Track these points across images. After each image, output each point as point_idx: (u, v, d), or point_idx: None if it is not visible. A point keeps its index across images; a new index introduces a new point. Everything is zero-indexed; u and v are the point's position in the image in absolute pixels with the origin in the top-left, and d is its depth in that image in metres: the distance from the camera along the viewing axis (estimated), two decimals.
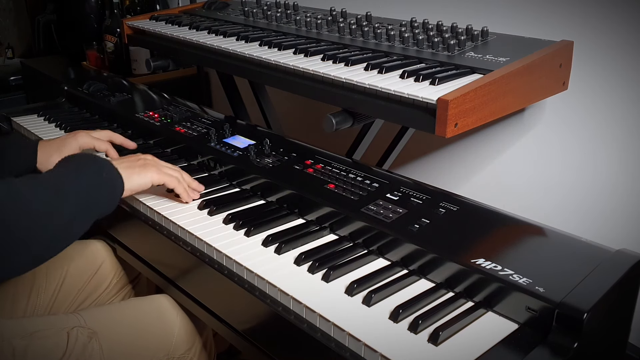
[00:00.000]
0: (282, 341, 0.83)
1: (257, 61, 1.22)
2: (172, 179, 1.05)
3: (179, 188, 1.06)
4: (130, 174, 0.99)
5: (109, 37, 2.12)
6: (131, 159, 1.04)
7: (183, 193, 1.07)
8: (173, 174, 1.06)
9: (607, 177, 1.16)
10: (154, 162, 1.05)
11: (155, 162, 1.05)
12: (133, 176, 0.99)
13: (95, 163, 0.95)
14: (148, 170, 1.02)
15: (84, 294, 1.19)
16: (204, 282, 0.96)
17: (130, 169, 1.00)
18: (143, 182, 1.01)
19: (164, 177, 1.04)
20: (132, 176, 0.99)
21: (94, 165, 0.94)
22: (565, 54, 1.10)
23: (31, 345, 0.90)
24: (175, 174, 1.07)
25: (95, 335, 0.95)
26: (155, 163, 1.05)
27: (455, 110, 0.88)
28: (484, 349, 0.70)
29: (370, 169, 1.09)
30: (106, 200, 0.93)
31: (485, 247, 0.84)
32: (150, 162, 1.05)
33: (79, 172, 0.91)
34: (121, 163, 1.00)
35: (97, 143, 1.23)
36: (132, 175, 0.99)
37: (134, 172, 1.00)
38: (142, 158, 1.05)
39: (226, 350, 1.38)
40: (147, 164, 1.03)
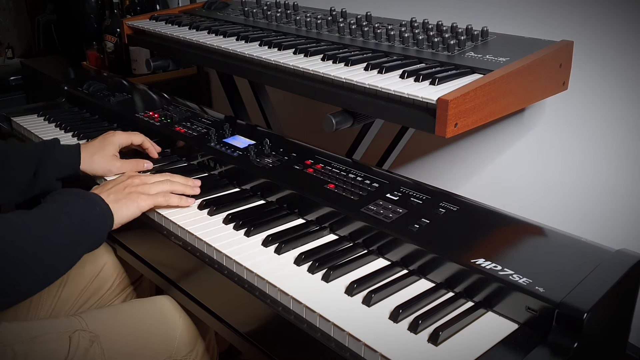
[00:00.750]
0: (282, 341, 0.83)
1: (257, 61, 1.22)
2: (161, 199, 1.04)
3: (172, 202, 1.05)
4: (119, 208, 0.99)
5: (109, 37, 2.12)
6: (118, 188, 1.02)
7: (179, 203, 1.06)
8: (162, 189, 1.05)
9: (607, 177, 1.16)
10: (141, 188, 1.03)
11: (141, 187, 1.03)
12: (122, 209, 0.99)
13: (86, 198, 0.95)
14: (135, 199, 1.01)
15: (85, 295, 1.19)
16: (204, 283, 0.96)
17: (118, 202, 0.99)
18: (132, 214, 1.00)
19: (153, 201, 1.03)
20: (120, 209, 0.99)
21: (84, 200, 0.95)
22: (565, 54, 1.10)
23: (32, 350, 0.90)
24: (165, 187, 1.05)
25: (97, 339, 0.95)
26: (141, 188, 1.03)
27: (455, 110, 0.88)
28: (484, 349, 0.70)
29: (370, 169, 1.09)
30: (95, 235, 0.94)
31: (485, 247, 0.84)
32: (137, 187, 1.03)
33: (70, 208, 0.91)
34: (109, 195, 0.99)
35: (133, 137, 1.28)
36: (121, 208, 0.99)
37: (122, 204, 0.99)
38: (128, 185, 1.03)
39: (226, 350, 1.38)
40: (133, 192, 1.02)
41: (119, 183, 1.04)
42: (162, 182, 1.07)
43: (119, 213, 0.98)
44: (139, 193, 1.02)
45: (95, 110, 1.62)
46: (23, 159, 1.16)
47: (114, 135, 1.25)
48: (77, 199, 0.94)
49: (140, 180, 1.05)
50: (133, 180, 1.05)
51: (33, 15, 3.10)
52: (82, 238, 0.91)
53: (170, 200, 1.05)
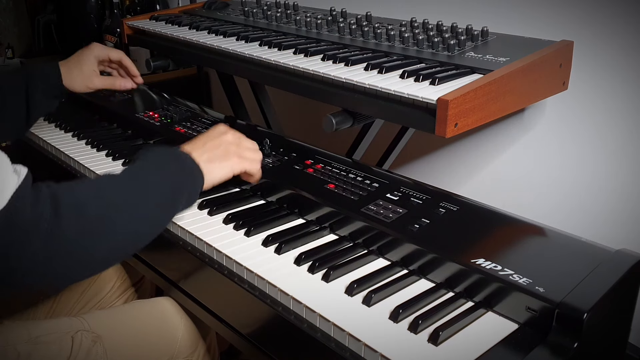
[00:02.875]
0: (282, 341, 0.83)
1: (257, 61, 1.22)
2: (253, 165, 1.00)
3: (257, 175, 1.02)
4: (212, 168, 0.93)
5: (109, 37, 2.12)
6: (213, 144, 0.96)
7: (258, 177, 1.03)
8: (255, 157, 1.01)
9: (607, 177, 1.16)
10: (236, 147, 0.99)
11: (236, 146, 0.99)
12: (214, 170, 0.94)
13: (177, 159, 0.91)
14: (229, 160, 0.96)
15: (86, 297, 1.19)
16: (204, 283, 0.96)
17: (211, 162, 0.94)
18: (224, 175, 0.96)
19: (246, 165, 0.99)
20: (213, 170, 0.94)
21: (175, 161, 0.90)
22: (565, 54, 1.10)
23: (35, 349, 0.90)
24: (258, 156, 1.02)
25: (99, 339, 0.95)
26: (236, 148, 0.99)
27: (455, 110, 0.88)
28: (484, 349, 0.70)
29: (370, 169, 1.09)
30: (186, 197, 0.89)
31: (485, 247, 0.84)
32: (232, 145, 0.98)
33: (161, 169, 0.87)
34: (202, 154, 0.93)
35: (111, 53, 1.29)
36: (214, 169, 0.94)
37: (215, 164, 0.94)
38: (224, 141, 0.98)
39: (226, 350, 1.38)
40: (230, 149, 0.97)
41: (213, 139, 0.98)
42: (254, 150, 1.03)
43: (211, 174, 0.93)
44: (233, 153, 0.97)
45: (95, 110, 1.62)
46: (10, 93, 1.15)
47: (89, 49, 1.27)
48: (168, 158, 0.90)
49: (234, 137, 1.00)
50: (227, 136, 0.99)
51: (33, 15, 3.10)
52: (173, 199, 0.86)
53: (257, 175, 1.02)
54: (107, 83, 1.25)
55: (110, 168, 1.25)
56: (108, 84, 1.25)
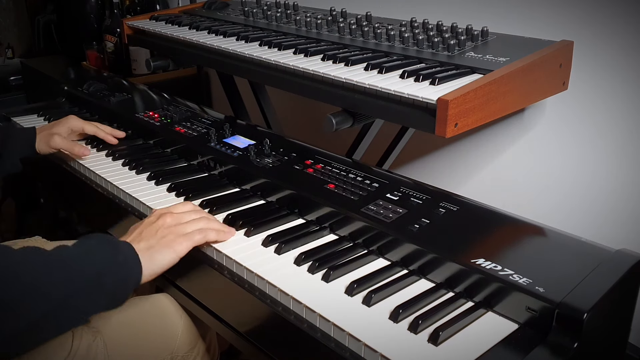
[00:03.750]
0: (282, 341, 0.83)
1: (257, 61, 1.22)
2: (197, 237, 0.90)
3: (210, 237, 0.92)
4: (152, 256, 0.85)
5: (109, 37, 2.12)
6: (149, 232, 0.89)
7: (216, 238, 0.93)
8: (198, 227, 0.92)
9: (607, 177, 1.16)
10: (175, 229, 0.89)
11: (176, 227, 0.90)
12: (155, 258, 0.85)
13: (111, 244, 0.84)
14: (171, 244, 0.87)
15: None
16: (204, 283, 0.96)
17: (150, 250, 0.85)
18: (168, 261, 0.87)
19: (191, 241, 0.90)
20: (154, 258, 0.85)
21: (108, 245, 0.83)
22: (565, 54, 1.10)
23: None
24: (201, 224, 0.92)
25: (100, 334, 0.95)
26: (176, 229, 0.89)
27: (455, 110, 0.88)
28: (484, 349, 0.70)
29: (370, 169, 1.09)
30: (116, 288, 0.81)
31: (485, 247, 0.84)
32: (171, 229, 0.89)
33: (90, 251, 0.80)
34: (139, 242, 0.86)
35: (86, 126, 1.35)
36: (154, 256, 0.85)
37: (154, 251, 0.86)
38: (160, 227, 0.89)
39: (226, 350, 1.37)
40: (167, 234, 0.88)
41: (150, 225, 0.90)
42: (199, 219, 0.93)
43: (152, 262, 0.85)
44: (174, 235, 0.88)
45: (95, 110, 1.62)
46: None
47: (67, 118, 1.34)
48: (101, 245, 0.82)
49: (173, 219, 0.91)
50: (165, 219, 0.91)
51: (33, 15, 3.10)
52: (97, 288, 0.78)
53: (208, 237, 0.91)
54: (66, 145, 1.28)
55: (110, 168, 1.25)
56: (68, 147, 1.28)
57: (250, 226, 0.97)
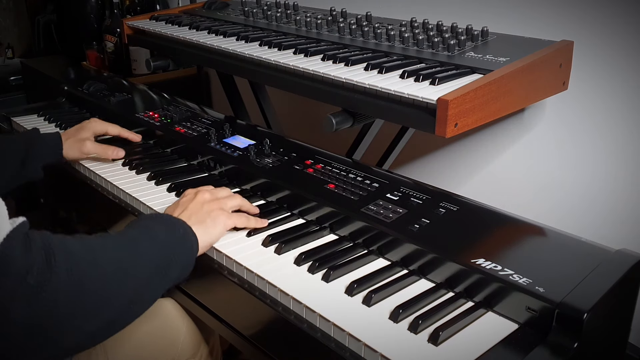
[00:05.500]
0: (282, 341, 0.83)
1: (257, 61, 1.22)
2: (241, 219, 0.96)
3: (251, 224, 0.98)
4: (205, 229, 0.90)
5: (109, 37, 2.12)
6: (194, 208, 0.94)
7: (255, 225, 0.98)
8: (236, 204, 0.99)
9: (607, 177, 1.16)
10: (218, 203, 0.95)
11: (217, 202, 0.96)
12: (208, 230, 0.91)
13: (167, 221, 0.88)
14: (219, 217, 0.93)
15: None
16: (204, 283, 0.96)
17: (203, 224, 0.91)
18: (219, 233, 0.93)
19: (236, 219, 0.96)
20: (207, 231, 0.91)
21: (165, 223, 0.87)
22: (565, 54, 1.10)
23: None
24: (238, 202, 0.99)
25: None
26: (218, 204, 0.95)
27: (455, 110, 0.88)
28: (484, 349, 0.70)
29: (370, 169, 1.09)
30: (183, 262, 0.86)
31: (485, 247, 0.84)
32: (214, 204, 0.95)
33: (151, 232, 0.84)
34: (190, 217, 0.91)
35: (109, 128, 1.33)
36: (208, 229, 0.91)
37: (208, 225, 0.91)
38: (204, 202, 0.95)
39: (226, 350, 1.37)
40: (213, 208, 0.94)
41: (191, 202, 0.95)
42: (232, 197, 1.00)
43: (206, 234, 0.90)
44: (219, 210, 0.94)
45: (96, 110, 1.62)
46: (9, 150, 1.17)
47: (89, 122, 1.31)
48: (158, 224, 0.86)
49: (210, 195, 0.97)
50: (203, 195, 0.96)
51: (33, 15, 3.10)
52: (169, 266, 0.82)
53: (250, 223, 0.97)
54: (100, 151, 1.26)
55: (110, 168, 1.25)
56: (101, 152, 1.26)
57: None
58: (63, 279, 0.67)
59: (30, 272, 0.64)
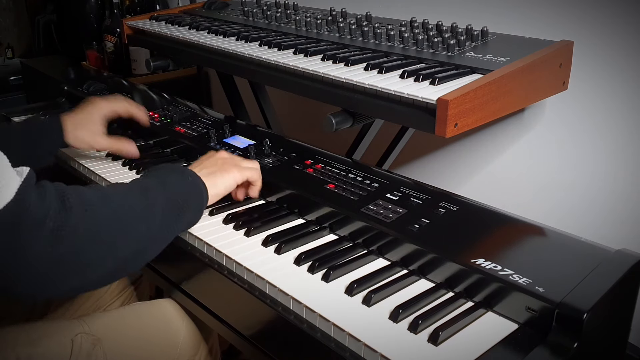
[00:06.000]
0: (282, 341, 0.83)
1: (257, 61, 1.22)
2: (253, 172, 1.03)
3: (259, 182, 1.04)
4: (214, 180, 0.96)
5: (108, 37, 2.12)
6: (209, 162, 1.01)
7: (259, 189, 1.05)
8: (254, 167, 1.04)
9: (606, 177, 1.16)
10: (232, 160, 1.02)
11: (232, 160, 1.03)
12: (217, 181, 0.97)
13: (181, 172, 0.93)
14: (230, 171, 0.99)
15: (84, 296, 1.19)
16: (203, 283, 0.96)
17: (213, 175, 0.97)
18: (228, 185, 0.99)
19: (246, 174, 1.02)
20: (215, 181, 0.96)
21: (178, 174, 0.93)
22: (565, 54, 1.10)
23: (35, 352, 0.89)
24: (256, 166, 1.05)
25: (99, 342, 0.94)
26: (233, 161, 1.02)
27: (455, 110, 0.88)
28: (484, 349, 0.70)
29: (370, 169, 1.09)
30: (192, 208, 0.92)
31: (485, 247, 0.84)
32: (228, 160, 1.02)
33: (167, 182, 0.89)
34: (201, 169, 0.97)
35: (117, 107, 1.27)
36: (216, 180, 0.97)
37: (217, 176, 0.97)
38: (220, 158, 1.02)
39: (226, 350, 1.37)
40: (226, 163, 1.01)
41: (209, 158, 1.02)
42: (252, 161, 1.06)
43: (215, 185, 0.96)
44: (231, 165, 1.00)
45: None
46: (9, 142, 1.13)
47: (96, 108, 1.23)
48: (171, 172, 0.93)
49: (229, 155, 1.04)
50: (221, 154, 1.04)
51: (33, 15, 3.10)
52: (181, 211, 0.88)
53: (259, 182, 1.04)
54: (113, 147, 1.23)
55: (110, 168, 1.25)
56: (115, 148, 1.23)
57: (250, 226, 0.97)
58: (80, 219, 0.72)
59: (49, 216, 0.69)
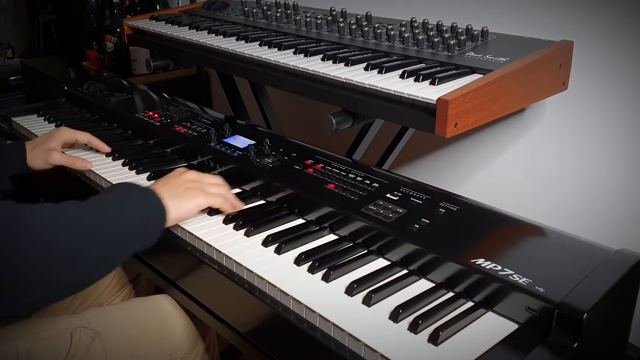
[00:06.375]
0: (282, 341, 0.83)
1: (257, 61, 1.22)
2: (218, 199, 1.00)
3: (227, 208, 1.01)
4: (177, 204, 0.94)
5: (109, 37, 2.12)
6: (176, 182, 0.98)
7: (231, 211, 1.02)
8: (220, 193, 1.01)
9: (607, 177, 1.16)
10: (199, 184, 0.99)
11: (200, 184, 1.00)
12: (180, 205, 0.95)
13: (140, 193, 0.92)
14: (194, 197, 0.97)
15: (83, 294, 1.19)
16: (204, 282, 0.96)
17: (176, 198, 0.95)
18: (190, 210, 0.96)
19: (210, 200, 0.99)
20: (179, 205, 0.94)
21: (139, 194, 0.91)
22: (565, 54, 1.10)
23: (34, 346, 0.90)
24: (222, 192, 1.02)
25: (98, 336, 0.95)
26: (200, 185, 0.99)
27: (455, 110, 0.88)
28: (484, 349, 0.70)
29: (370, 169, 1.09)
30: (148, 233, 0.89)
31: (485, 247, 0.84)
32: (195, 184, 0.99)
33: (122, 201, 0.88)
34: (165, 190, 0.95)
35: (79, 135, 1.29)
36: (180, 204, 0.95)
37: (181, 200, 0.95)
38: (186, 180, 0.99)
39: (226, 350, 1.38)
40: (192, 187, 0.98)
41: (176, 177, 1.00)
42: (219, 184, 1.03)
43: (177, 209, 0.94)
44: (197, 189, 0.98)
45: (95, 110, 1.62)
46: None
47: (58, 131, 1.27)
48: (132, 192, 0.91)
49: (197, 176, 1.01)
50: (189, 175, 1.01)
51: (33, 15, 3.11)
52: (135, 232, 0.87)
53: (225, 206, 1.01)
54: (66, 161, 1.23)
55: (110, 168, 1.25)
56: (68, 162, 1.23)
57: (250, 226, 0.97)
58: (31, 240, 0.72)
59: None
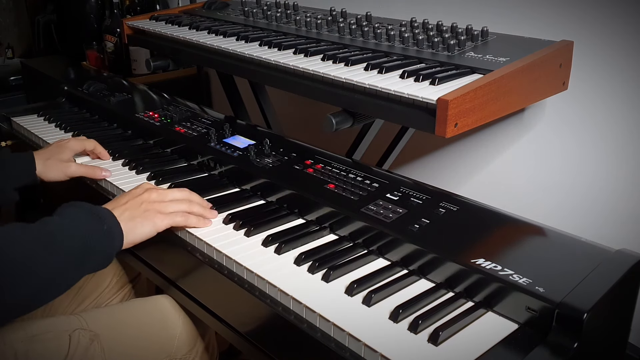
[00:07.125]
0: (282, 341, 0.83)
1: (257, 61, 1.22)
2: (178, 218, 0.96)
3: (191, 222, 0.98)
4: (134, 226, 0.92)
5: (109, 37, 2.12)
6: (134, 203, 0.95)
7: (197, 224, 0.98)
8: (179, 210, 0.97)
9: (607, 177, 1.16)
10: (158, 205, 0.96)
11: (159, 205, 0.96)
12: (136, 228, 0.92)
13: (95, 215, 0.89)
14: (151, 219, 0.94)
15: (83, 294, 1.19)
16: (204, 282, 0.96)
17: (132, 221, 0.92)
18: (147, 233, 0.94)
19: (171, 220, 0.96)
20: (135, 228, 0.92)
21: (92, 217, 0.88)
22: (565, 54, 1.10)
23: (33, 348, 0.90)
24: (183, 207, 0.98)
25: (97, 338, 0.95)
26: (159, 206, 0.96)
27: (455, 110, 0.88)
28: (484, 349, 0.70)
29: (370, 169, 1.09)
30: (99, 257, 0.87)
31: (485, 247, 0.84)
32: (154, 204, 0.96)
33: (76, 225, 0.85)
34: (123, 212, 0.92)
35: (86, 144, 1.28)
36: (136, 226, 0.92)
37: (137, 222, 0.92)
38: (144, 200, 0.96)
39: (226, 350, 1.38)
40: (150, 209, 0.95)
41: (135, 197, 0.96)
42: (180, 201, 0.99)
43: (132, 232, 0.91)
44: (156, 211, 0.95)
45: (95, 110, 1.62)
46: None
47: (68, 142, 1.26)
48: (86, 215, 0.88)
49: (158, 195, 0.98)
50: (150, 194, 0.97)
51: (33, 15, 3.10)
52: (85, 258, 0.84)
53: (189, 221, 0.97)
54: (86, 171, 1.21)
55: (111, 168, 1.25)
56: (89, 172, 1.21)
57: (250, 226, 0.97)
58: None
59: None
